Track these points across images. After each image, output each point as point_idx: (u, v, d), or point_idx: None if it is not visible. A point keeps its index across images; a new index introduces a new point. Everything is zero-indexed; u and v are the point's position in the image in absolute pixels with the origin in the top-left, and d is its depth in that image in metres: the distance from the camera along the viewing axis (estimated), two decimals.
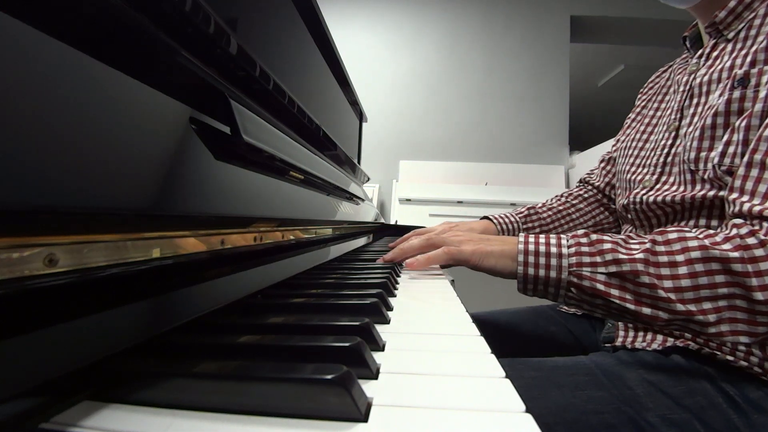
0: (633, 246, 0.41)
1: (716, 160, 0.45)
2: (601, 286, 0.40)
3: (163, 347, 0.21)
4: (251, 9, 0.41)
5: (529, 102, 2.61)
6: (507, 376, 0.20)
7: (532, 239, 0.45)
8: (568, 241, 0.44)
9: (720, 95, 0.47)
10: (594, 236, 0.43)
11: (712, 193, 0.47)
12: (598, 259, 0.41)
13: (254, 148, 0.34)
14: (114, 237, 0.19)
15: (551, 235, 0.45)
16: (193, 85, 0.31)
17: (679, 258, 0.38)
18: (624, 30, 2.76)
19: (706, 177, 0.47)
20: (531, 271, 0.43)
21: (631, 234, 0.44)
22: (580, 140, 3.16)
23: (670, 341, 0.46)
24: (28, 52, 0.16)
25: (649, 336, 0.49)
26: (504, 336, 0.65)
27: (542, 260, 0.43)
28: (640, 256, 0.39)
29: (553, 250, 0.43)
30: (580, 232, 0.44)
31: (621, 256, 0.40)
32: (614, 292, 0.40)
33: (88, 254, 0.17)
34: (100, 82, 0.20)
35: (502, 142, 2.61)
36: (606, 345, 0.55)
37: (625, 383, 0.41)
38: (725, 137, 0.45)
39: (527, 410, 0.17)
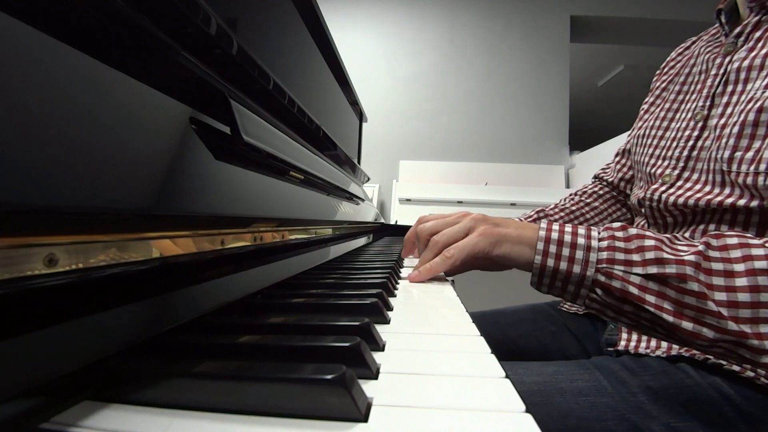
0: (681, 247, 0.35)
1: (763, 167, 0.40)
2: (634, 289, 0.33)
3: (163, 347, 0.21)
4: (251, 9, 0.41)
5: (529, 102, 2.61)
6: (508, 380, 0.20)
7: (556, 226, 0.38)
8: (600, 233, 0.37)
9: (765, 87, 0.42)
10: (633, 230, 0.36)
11: (743, 201, 0.42)
12: (635, 257, 0.34)
13: (254, 148, 0.34)
14: (114, 237, 0.19)
15: (581, 226, 0.39)
16: (193, 85, 0.31)
17: (738, 267, 0.32)
18: (624, 30, 2.76)
19: (740, 181, 0.42)
20: (551, 262, 0.37)
21: (677, 234, 0.37)
22: (580, 140, 3.16)
23: (675, 349, 0.44)
24: (28, 52, 0.16)
25: (653, 342, 0.47)
26: (504, 336, 0.65)
27: (566, 251, 0.36)
28: (690, 258, 0.33)
29: (581, 241, 0.36)
30: (616, 224, 0.38)
31: (666, 256, 0.33)
32: (650, 298, 0.33)
33: (88, 254, 0.17)
34: (100, 82, 0.20)
35: (502, 142, 2.61)
36: (609, 349, 0.54)
37: (629, 390, 0.39)
38: None
39: (527, 410, 0.17)
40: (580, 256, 0.36)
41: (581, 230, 0.38)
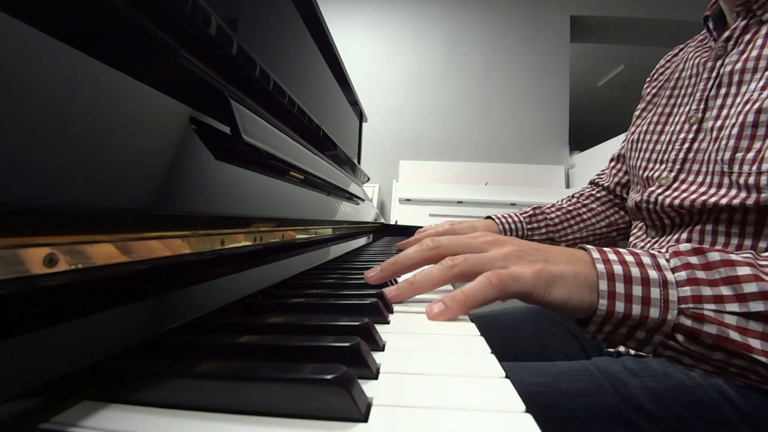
0: None
1: (765, 166, 0.40)
2: (735, 335, 0.26)
3: (163, 347, 0.21)
4: (251, 9, 0.41)
5: (529, 102, 2.61)
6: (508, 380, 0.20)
7: (612, 255, 0.30)
8: (669, 260, 0.29)
9: (762, 88, 0.42)
10: (714, 255, 0.28)
11: (739, 201, 0.42)
12: (724, 290, 0.27)
13: (254, 148, 0.34)
14: (114, 237, 0.19)
15: (640, 251, 0.31)
16: (193, 85, 0.31)
17: None
18: (624, 30, 2.76)
19: (741, 181, 0.42)
20: (620, 307, 0.28)
21: (754, 253, 0.30)
22: (580, 140, 3.16)
23: None
24: (28, 52, 0.16)
25: None
26: (504, 336, 0.65)
27: (637, 290, 0.28)
28: None
29: (653, 274, 0.28)
30: (684, 246, 0.30)
31: None
32: (755, 343, 0.26)
33: (88, 254, 0.17)
34: (100, 82, 0.20)
35: (502, 142, 2.61)
36: (609, 350, 0.54)
37: (630, 391, 0.39)
38: None
39: (527, 410, 0.17)
40: (657, 294, 0.28)
41: (645, 258, 0.30)
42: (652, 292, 0.28)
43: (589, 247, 0.32)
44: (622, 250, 0.31)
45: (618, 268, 0.29)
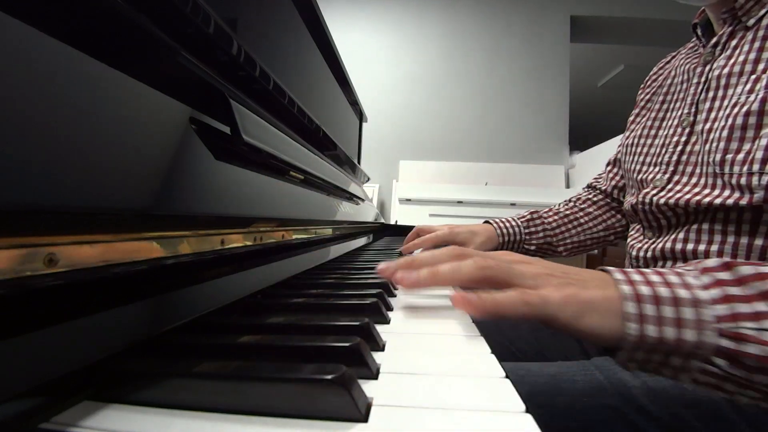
0: None
1: (756, 167, 0.41)
2: None
3: (163, 347, 0.21)
4: (251, 9, 0.41)
5: (529, 102, 2.61)
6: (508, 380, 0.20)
7: (635, 275, 0.28)
8: (697, 277, 0.27)
9: (750, 92, 0.44)
10: (747, 269, 0.26)
11: (732, 201, 0.43)
12: (761, 306, 0.25)
13: (254, 148, 0.34)
14: (114, 237, 0.19)
15: (662, 270, 0.29)
16: (193, 85, 0.31)
17: None
18: (624, 30, 2.76)
19: (733, 182, 0.43)
20: (651, 330, 0.26)
21: None
22: (580, 140, 3.16)
23: None
24: (28, 52, 0.16)
25: None
26: (504, 336, 0.65)
27: (669, 312, 0.26)
28: None
29: (682, 293, 0.26)
30: (713, 261, 0.28)
31: None
32: None
33: (89, 254, 0.17)
34: (101, 82, 0.20)
35: (502, 142, 2.61)
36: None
37: (630, 391, 0.39)
38: (765, 141, 0.40)
39: (527, 411, 0.17)
40: (690, 315, 0.26)
41: (671, 277, 0.28)
42: (684, 312, 0.26)
43: (609, 268, 0.30)
44: (646, 270, 0.29)
45: (644, 288, 0.27)
